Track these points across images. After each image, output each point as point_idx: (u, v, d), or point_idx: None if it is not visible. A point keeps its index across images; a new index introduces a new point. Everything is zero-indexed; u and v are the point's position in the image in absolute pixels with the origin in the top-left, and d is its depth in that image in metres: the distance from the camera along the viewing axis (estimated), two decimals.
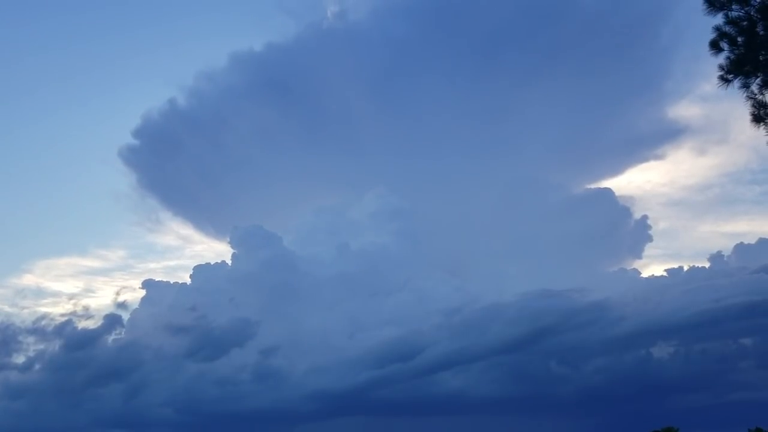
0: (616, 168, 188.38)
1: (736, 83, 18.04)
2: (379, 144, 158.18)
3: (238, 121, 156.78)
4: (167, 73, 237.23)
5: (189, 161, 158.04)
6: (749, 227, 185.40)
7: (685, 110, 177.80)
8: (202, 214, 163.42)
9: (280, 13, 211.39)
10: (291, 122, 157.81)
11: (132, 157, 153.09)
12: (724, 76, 17.85)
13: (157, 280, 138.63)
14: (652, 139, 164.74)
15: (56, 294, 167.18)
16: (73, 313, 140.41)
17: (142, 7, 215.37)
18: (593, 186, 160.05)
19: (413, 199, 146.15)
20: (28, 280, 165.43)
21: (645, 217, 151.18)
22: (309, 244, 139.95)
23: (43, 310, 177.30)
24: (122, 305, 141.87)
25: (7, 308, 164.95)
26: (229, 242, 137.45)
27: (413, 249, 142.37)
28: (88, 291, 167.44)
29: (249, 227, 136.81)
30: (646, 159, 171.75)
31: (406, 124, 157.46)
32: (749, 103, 17.77)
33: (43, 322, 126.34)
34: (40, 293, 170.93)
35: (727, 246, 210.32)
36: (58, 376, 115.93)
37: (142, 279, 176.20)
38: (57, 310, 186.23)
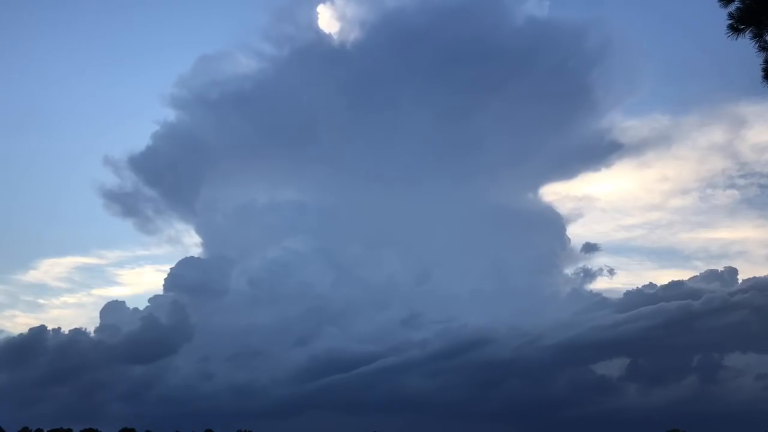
0: (563, 179, 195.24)
1: (747, 34, 16.38)
2: (335, 155, 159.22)
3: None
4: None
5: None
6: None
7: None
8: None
9: (259, 35, 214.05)
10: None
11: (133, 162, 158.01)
12: (735, 26, 16.21)
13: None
14: (595, 151, 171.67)
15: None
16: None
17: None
18: (531, 200, 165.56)
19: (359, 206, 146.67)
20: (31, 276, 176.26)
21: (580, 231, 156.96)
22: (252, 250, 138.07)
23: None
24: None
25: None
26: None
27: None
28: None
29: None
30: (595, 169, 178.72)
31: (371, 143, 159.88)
32: (761, 56, 16.24)
33: None
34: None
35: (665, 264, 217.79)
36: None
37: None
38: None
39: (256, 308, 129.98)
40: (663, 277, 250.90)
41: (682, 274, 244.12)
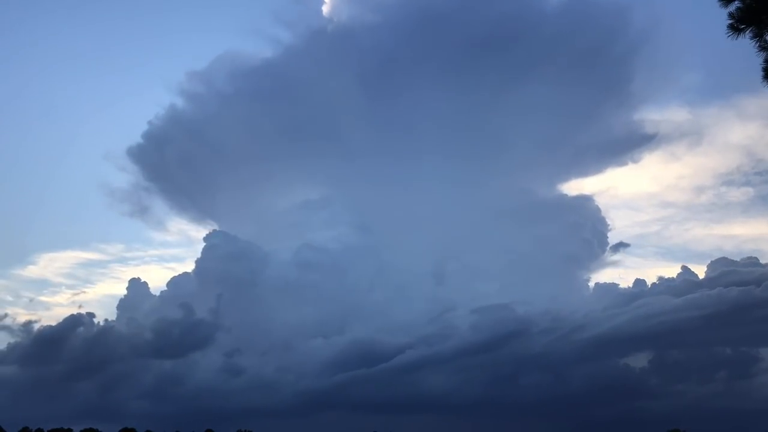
0: (586, 173, 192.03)
1: (748, 34, 16.39)
2: (357, 148, 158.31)
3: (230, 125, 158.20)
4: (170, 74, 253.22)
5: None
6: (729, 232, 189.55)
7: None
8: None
9: (273, 20, 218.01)
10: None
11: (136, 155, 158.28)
12: (735, 26, 16.25)
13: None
14: (625, 144, 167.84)
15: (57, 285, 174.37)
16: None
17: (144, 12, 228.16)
18: (563, 192, 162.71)
19: (384, 201, 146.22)
20: (31, 271, 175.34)
21: (610, 222, 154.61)
22: (277, 242, 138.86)
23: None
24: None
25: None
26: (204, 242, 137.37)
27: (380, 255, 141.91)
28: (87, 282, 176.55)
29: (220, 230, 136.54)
30: (623, 163, 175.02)
31: (388, 130, 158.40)
32: (762, 56, 16.24)
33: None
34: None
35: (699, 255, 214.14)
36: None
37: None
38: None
39: (283, 302, 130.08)
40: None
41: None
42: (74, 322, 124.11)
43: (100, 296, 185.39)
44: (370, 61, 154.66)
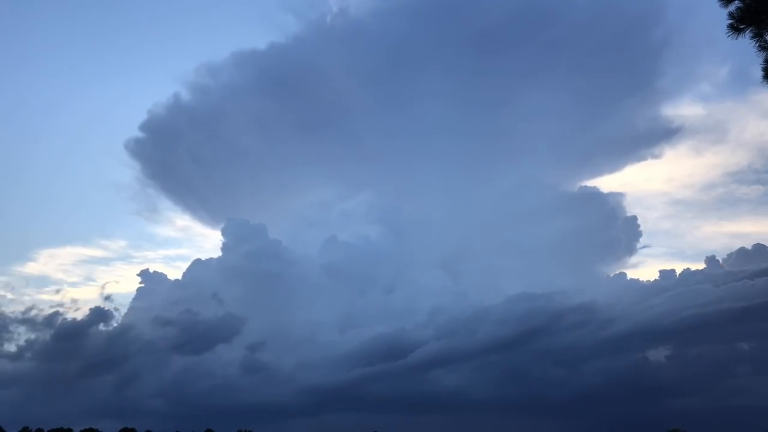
0: (610, 168, 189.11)
1: (747, 33, 16.37)
2: (375, 140, 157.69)
3: (238, 116, 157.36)
4: (171, 68, 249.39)
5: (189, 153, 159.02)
6: (751, 229, 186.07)
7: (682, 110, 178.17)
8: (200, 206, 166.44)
9: (283, 11, 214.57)
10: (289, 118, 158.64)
11: (137, 149, 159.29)
12: (735, 25, 16.24)
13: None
14: (649, 138, 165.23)
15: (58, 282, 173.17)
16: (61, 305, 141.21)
17: (146, 6, 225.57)
18: (587, 184, 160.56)
19: (404, 194, 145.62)
20: (31, 268, 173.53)
21: (635, 217, 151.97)
22: (299, 238, 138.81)
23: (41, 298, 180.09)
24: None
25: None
26: (222, 236, 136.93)
27: (403, 246, 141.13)
28: (88, 280, 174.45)
29: (239, 220, 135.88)
30: (639, 159, 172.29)
31: (403, 120, 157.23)
32: (761, 56, 16.21)
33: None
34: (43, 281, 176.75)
35: (723, 248, 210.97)
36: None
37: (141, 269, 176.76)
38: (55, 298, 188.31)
39: (303, 297, 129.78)
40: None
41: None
42: (96, 316, 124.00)
43: (114, 292, 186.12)
44: (380, 52, 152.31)
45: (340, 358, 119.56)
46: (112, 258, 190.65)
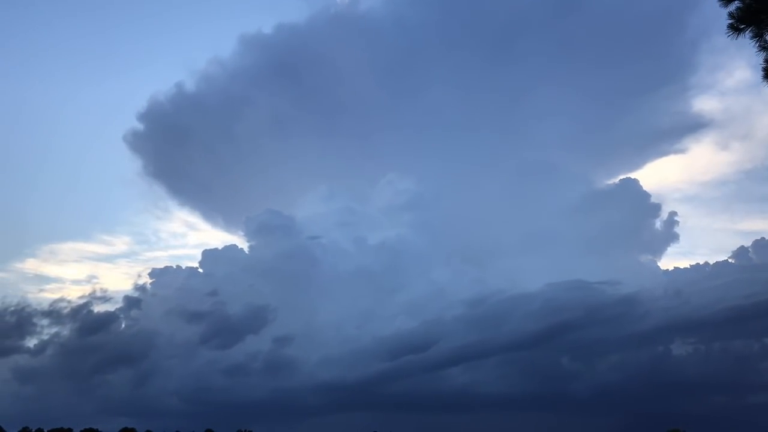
0: (638, 161, 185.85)
1: (747, 33, 16.02)
2: (394, 131, 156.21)
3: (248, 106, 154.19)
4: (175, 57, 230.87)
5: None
6: None
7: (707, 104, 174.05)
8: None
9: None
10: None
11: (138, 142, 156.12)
12: (735, 25, 15.89)
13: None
14: (674, 132, 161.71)
15: (59, 279, 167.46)
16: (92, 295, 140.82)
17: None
18: (617, 178, 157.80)
19: (429, 187, 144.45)
20: (32, 264, 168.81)
21: (672, 212, 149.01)
22: (322, 232, 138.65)
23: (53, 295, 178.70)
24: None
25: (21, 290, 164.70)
26: (244, 229, 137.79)
27: (429, 239, 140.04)
28: (91, 277, 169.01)
29: (264, 213, 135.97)
30: (667, 153, 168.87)
31: (421, 112, 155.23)
32: (762, 56, 15.85)
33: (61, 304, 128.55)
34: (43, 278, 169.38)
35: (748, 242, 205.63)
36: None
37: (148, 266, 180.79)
38: (69, 294, 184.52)
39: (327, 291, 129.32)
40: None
41: None
42: (113, 313, 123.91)
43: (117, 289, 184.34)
44: (397, 42, 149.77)
45: (361, 352, 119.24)
46: (119, 255, 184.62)
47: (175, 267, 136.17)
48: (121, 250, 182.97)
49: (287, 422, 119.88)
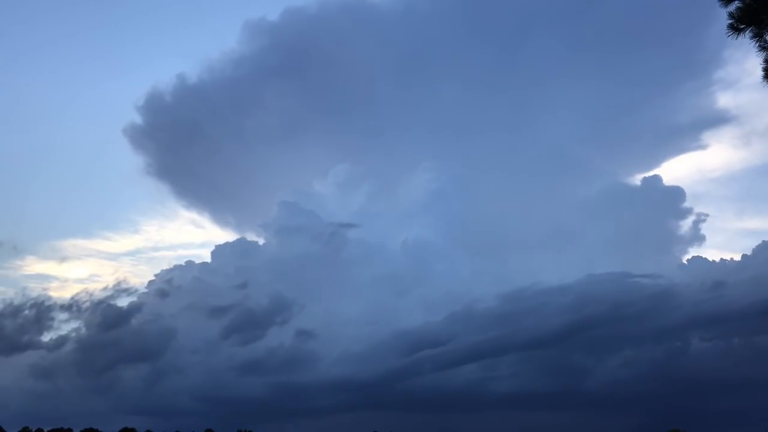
0: (662, 155, 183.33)
1: (748, 33, 16.10)
2: (409, 127, 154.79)
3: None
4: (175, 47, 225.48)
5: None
6: None
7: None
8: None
9: None
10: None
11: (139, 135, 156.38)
12: (735, 25, 15.97)
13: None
14: (704, 124, 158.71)
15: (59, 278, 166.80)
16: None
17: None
18: (642, 174, 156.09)
19: (450, 183, 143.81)
20: (32, 262, 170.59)
21: (693, 208, 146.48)
22: (341, 229, 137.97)
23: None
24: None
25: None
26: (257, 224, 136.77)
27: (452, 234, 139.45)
28: (93, 275, 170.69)
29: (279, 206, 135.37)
30: (690, 149, 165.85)
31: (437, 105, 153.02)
32: (762, 56, 15.91)
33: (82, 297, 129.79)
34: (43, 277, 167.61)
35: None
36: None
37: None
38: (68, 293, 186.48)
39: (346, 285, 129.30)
40: None
41: None
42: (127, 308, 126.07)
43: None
44: (409, 38, 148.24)
45: (380, 347, 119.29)
46: (130, 252, 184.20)
47: (185, 264, 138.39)
48: (138, 246, 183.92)
49: (295, 421, 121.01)
